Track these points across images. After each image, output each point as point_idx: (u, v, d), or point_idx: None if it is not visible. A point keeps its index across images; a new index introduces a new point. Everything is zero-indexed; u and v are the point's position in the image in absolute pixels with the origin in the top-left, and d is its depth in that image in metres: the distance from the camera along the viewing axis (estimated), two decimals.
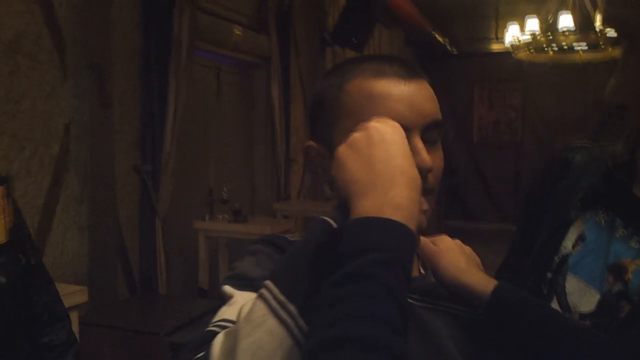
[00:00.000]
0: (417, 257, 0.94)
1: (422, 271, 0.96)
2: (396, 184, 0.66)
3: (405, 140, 0.71)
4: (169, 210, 3.41)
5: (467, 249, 0.99)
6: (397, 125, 0.73)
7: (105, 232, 3.11)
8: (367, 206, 0.65)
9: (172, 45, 3.35)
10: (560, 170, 1.37)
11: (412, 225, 0.65)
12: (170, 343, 2.69)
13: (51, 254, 2.82)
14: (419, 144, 0.78)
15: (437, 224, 6.79)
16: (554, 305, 1.23)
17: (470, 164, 8.97)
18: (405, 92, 0.79)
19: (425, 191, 0.79)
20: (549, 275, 1.28)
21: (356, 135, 0.72)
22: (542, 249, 1.27)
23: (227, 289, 0.78)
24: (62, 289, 2.50)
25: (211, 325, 0.73)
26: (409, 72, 0.81)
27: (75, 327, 2.46)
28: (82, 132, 2.98)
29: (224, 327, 0.71)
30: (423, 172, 0.76)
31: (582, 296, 1.24)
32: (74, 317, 2.43)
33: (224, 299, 0.78)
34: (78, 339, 2.50)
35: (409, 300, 0.84)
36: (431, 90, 0.83)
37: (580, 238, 1.29)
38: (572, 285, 1.25)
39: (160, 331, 2.71)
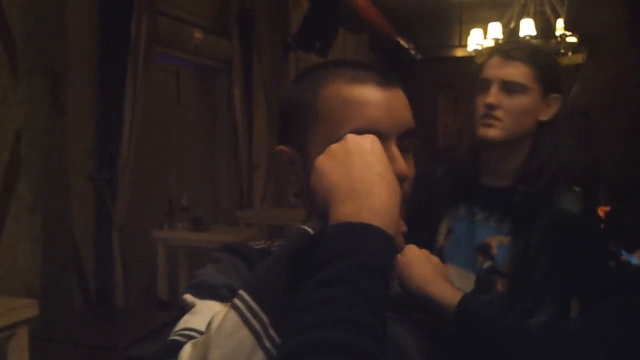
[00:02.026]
0: None
1: None
2: (375, 190, 0.66)
3: (383, 151, 0.71)
4: (126, 220, 3.32)
5: (434, 259, 0.98)
6: (374, 137, 0.73)
7: (59, 243, 3.00)
8: (346, 212, 0.65)
9: (129, 49, 3.26)
10: (427, 178, 1.60)
11: (391, 230, 0.64)
12: (127, 357, 2.61)
13: (1, 266, 2.71)
14: (395, 151, 0.77)
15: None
16: None
17: (435, 171, 9.03)
18: (382, 99, 0.78)
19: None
20: None
21: (334, 146, 0.72)
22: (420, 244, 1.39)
23: (189, 297, 0.77)
24: (11, 302, 2.41)
25: (174, 334, 0.70)
26: (384, 79, 0.81)
27: (25, 343, 2.37)
28: (35, 139, 2.88)
29: (188, 337, 0.69)
30: (399, 180, 0.76)
31: (462, 280, 1.36)
32: (24, 332, 2.34)
33: (186, 308, 0.75)
34: (29, 355, 2.41)
35: None
36: (406, 98, 0.82)
37: (449, 231, 1.54)
38: (452, 273, 1.31)
39: (118, 345, 2.63)
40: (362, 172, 0.68)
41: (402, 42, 7.38)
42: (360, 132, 0.75)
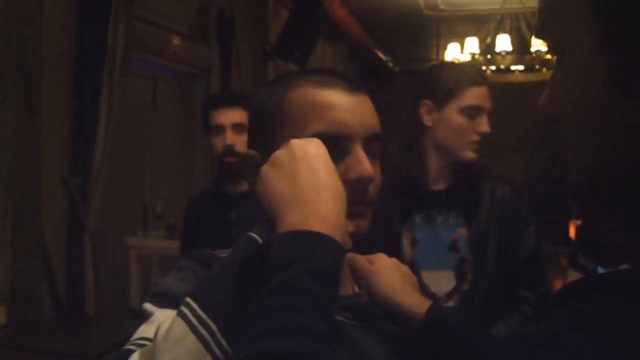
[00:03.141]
0: (352, 275, 0.93)
1: (357, 289, 0.95)
2: (321, 197, 0.66)
3: (328, 156, 0.71)
4: (99, 226, 3.26)
5: (404, 268, 0.98)
6: (318, 141, 0.72)
7: (29, 248, 2.93)
8: (293, 220, 0.65)
9: (106, 54, 3.22)
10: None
11: (338, 237, 0.64)
12: None
13: None
14: (361, 153, 0.78)
15: None
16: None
17: None
18: (349, 102, 0.80)
19: (366, 202, 0.80)
20: None
21: (278, 153, 0.72)
22: None
23: (148, 306, 0.77)
24: None
25: (129, 344, 0.71)
26: (351, 85, 0.82)
27: None
28: (6, 141, 2.81)
29: (141, 346, 0.69)
30: (365, 181, 0.77)
31: (438, 282, 1.60)
32: None
33: (144, 317, 0.76)
34: None
35: (341, 318, 0.83)
36: (372, 105, 0.84)
37: (414, 241, 1.67)
38: (428, 278, 1.61)
39: (88, 354, 2.57)
40: (307, 179, 0.68)
41: (380, 54, 7.43)
42: (325, 134, 0.76)
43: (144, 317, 0.76)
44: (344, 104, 0.80)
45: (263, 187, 0.71)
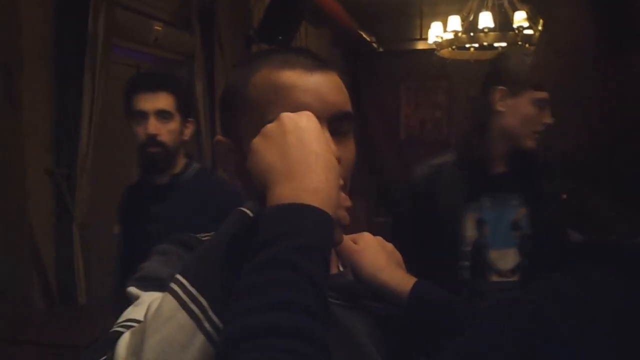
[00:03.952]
0: (336, 254, 0.93)
1: (341, 268, 0.94)
2: (312, 169, 0.65)
3: (319, 128, 0.71)
4: (87, 216, 3.25)
5: (389, 246, 0.98)
6: (310, 114, 0.72)
7: (17, 241, 2.92)
8: (284, 193, 0.64)
9: (87, 42, 3.18)
10: (432, 182, 1.86)
11: (330, 209, 0.63)
12: None
13: None
14: (324, 133, 0.77)
15: (367, 221, 6.87)
16: (494, 276, 1.74)
17: (398, 162, 9.08)
18: (311, 82, 0.78)
19: None
20: (466, 263, 1.75)
21: (270, 126, 0.71)
22: (441, 244, 1.70)
23: (133, 290, 0.76)
24: None
25: (116, 325, 0.70)
26: (315, 63, 0.81)
27: None
28: None
29: (130, 327, 0.67)
30: None
31: (505, 259, 1.74)
32: None
33: (130, 301, 0.75)
34: None
35: None
36: (340, 82, 0.82)
37: (480, 223, 1.77)
38: (494, 256, 1.75)
39: (80, 344, 2.57)
40: (298, 151, 0.67)
41: (364, 35, 7.41)
42: None
43: (130, 300, 0.75)
44: (305, 84, 0.78)
45: (254, 161, 0.70)
